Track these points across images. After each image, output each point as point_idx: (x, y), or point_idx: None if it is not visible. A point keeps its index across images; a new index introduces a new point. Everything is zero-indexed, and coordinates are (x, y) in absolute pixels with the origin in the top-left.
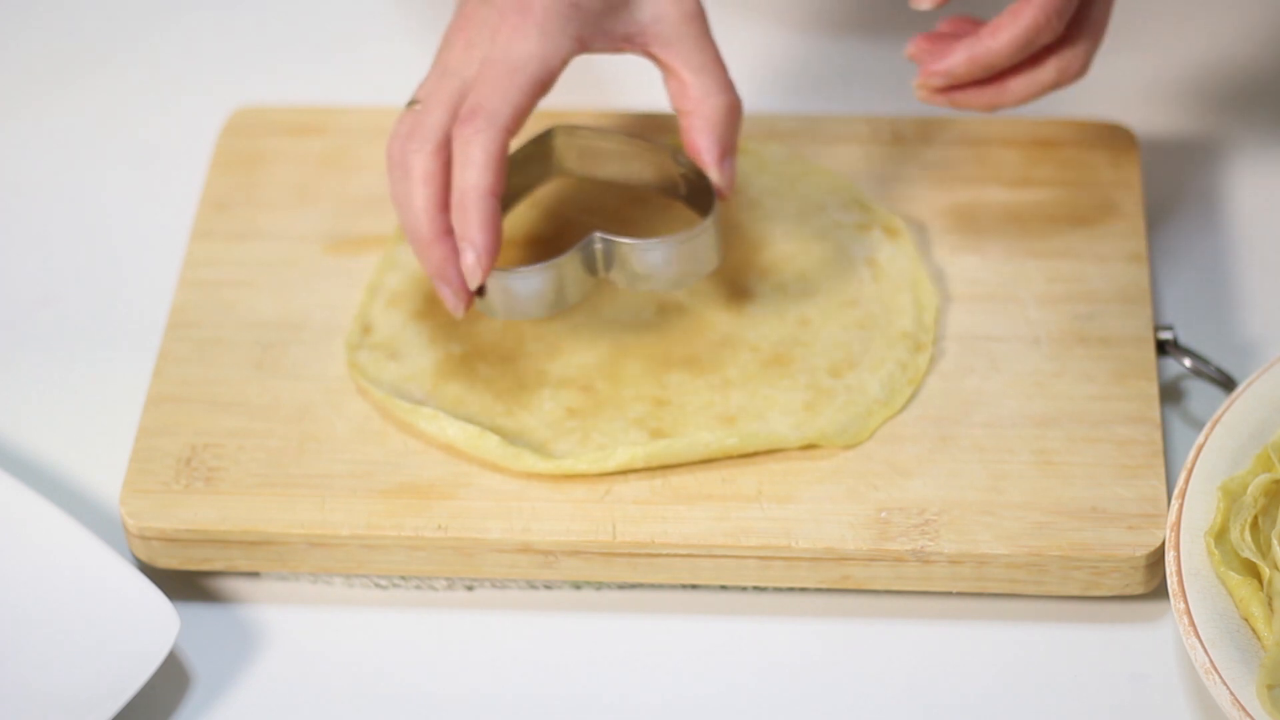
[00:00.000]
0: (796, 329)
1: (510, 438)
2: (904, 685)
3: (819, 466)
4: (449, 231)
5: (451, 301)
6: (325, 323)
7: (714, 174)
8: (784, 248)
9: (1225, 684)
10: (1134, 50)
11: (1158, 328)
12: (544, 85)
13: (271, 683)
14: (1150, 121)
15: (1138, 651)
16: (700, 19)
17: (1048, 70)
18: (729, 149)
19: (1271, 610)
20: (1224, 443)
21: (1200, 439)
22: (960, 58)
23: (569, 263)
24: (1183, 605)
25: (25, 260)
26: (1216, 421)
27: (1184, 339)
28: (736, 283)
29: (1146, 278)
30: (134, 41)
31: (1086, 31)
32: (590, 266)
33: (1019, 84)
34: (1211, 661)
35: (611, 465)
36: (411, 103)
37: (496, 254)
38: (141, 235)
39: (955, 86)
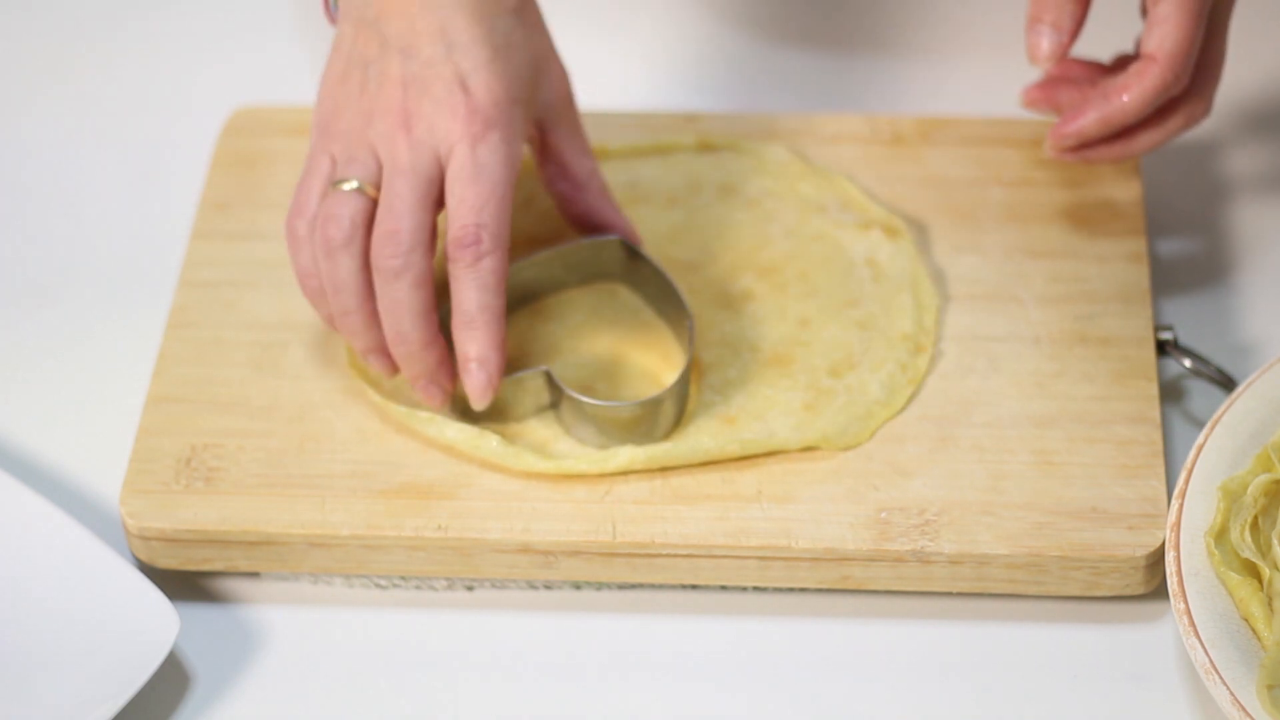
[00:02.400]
0: (796, 329)
1: (510, 438)
2: (904, 685)
3: (819, 467)
4: (437, 334)
5: (439, 399)
6: None
7: (634, 234)
8: (784, 248)
9: (1225, 684)
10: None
11: (1158, 328)
12: (514, 183)
13: (271, 683)
14: None
15: (1138, 651)
16: (573, 100)
17: (1177, 119)
18: (620, 212)
19: (1271, 610)
20: (1224, 443)
21: (1200, 439)
22: (1091, 119)
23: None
24: (1183, 605)
25: (25, 260)
26: (1216, 421)
27: (1184, 339)
28: (736, 283)
29: (1146, 278)
30: (134, 41)
31: (1208, 74)
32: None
33: (1149, 136)
34: (1211, 661)
35: (612, 466)
36: (341, 182)
37: (502, 366)
38: (141, 235)
39: (1088, 144)
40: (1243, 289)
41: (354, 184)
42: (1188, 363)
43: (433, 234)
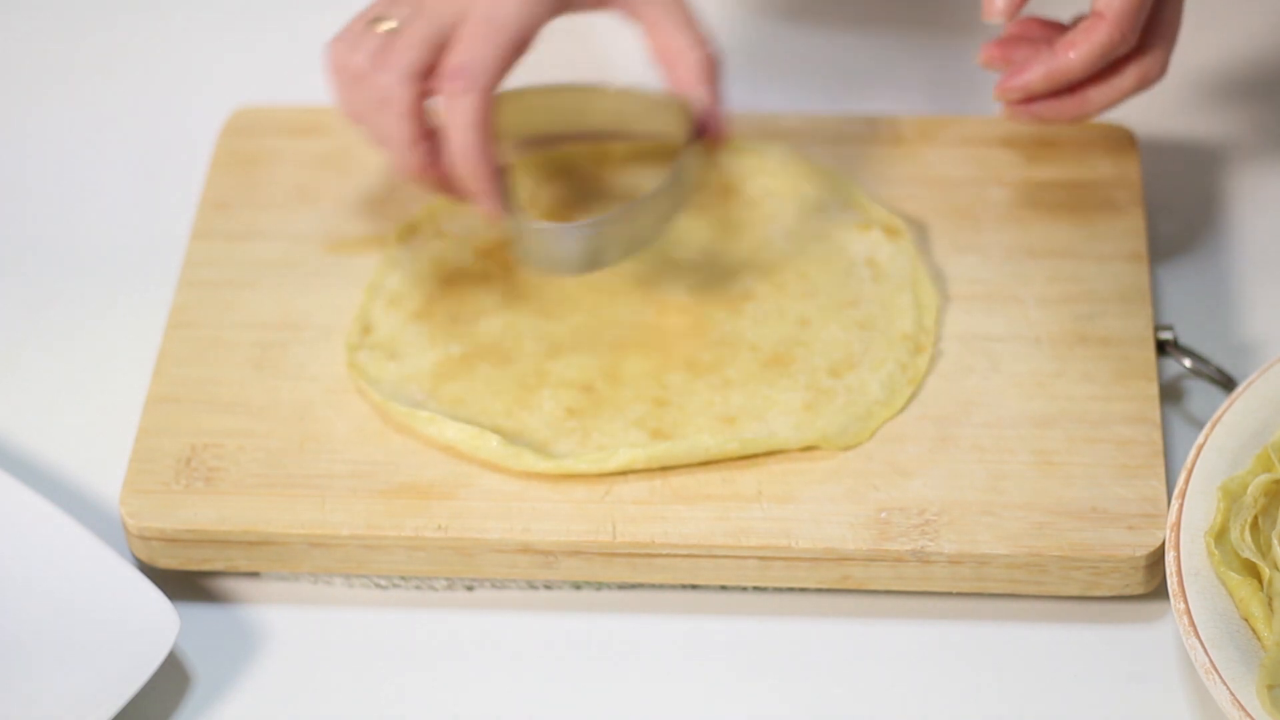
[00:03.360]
0: (796, 329)
1: (510, 438)
2: (904, 685)
3: (819, 466)
4: (430, 153)
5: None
6: (325, 323)
7: (713, 117)
8: (784, 247)
9: (1225, 684)
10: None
11: (1158, 328)
12: (525, 47)
13: (271, 683)
14: (1150, 121)
15: (1138, 651)
16: None
17: (1127, 78)
18: (718, 93)
19: (1271, 610)
20: (1224, 443)
21: (1200, 439)
22: (1037, 73)
23: (611, 222)
24: (1183, 605)
25: (25, 260)
26: (1216, 421)
27: (1184, 339)
28: (736, 283)
29: (1146, 278)
30: (134, 41)
31: (1161, 35)
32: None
33: (1099, 94)
34: (1211, 661)
35: (612, 466)
36: (375, 20)
37: (500, 200)
38: (141, 235)
39: (1034, 98)
40: (1243, 289)
41: (387, 26)
42: (1188, 363)
43: (428, 75)
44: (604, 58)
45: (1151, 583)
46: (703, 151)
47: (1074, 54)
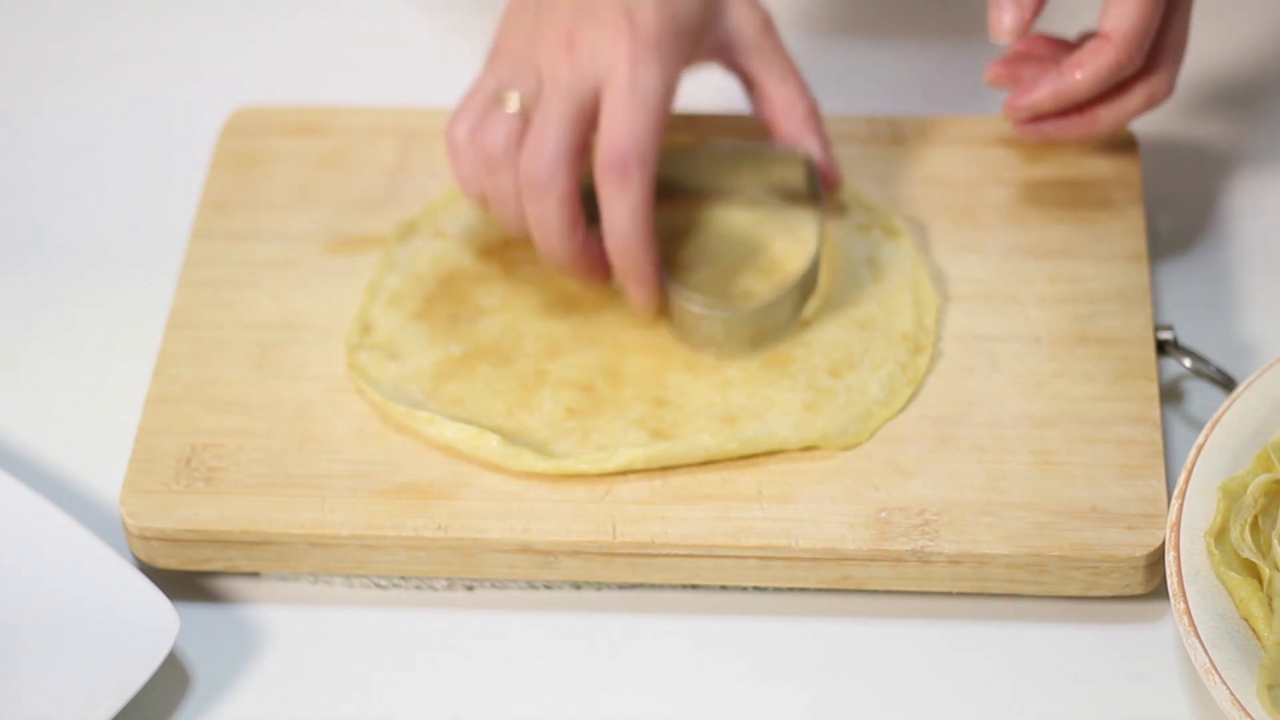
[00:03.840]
0: (796, 329)
1: (510, 438)
2: (904, 685)
3: (819, 466)
4: (586, 242)
5: (598, 284)
6: (325, 323)
7: (828, 166)
8: (784, 247)
9: (1225, 684)
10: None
11: (1158, 328)
12: (669, 112)
13: (271, 683)
14: (1150, 121)
15: (1138, 651)
16: (773, 27)
17: (1135, 97)
18: (828, 144)
19: (1271, 610)
20: (1224, 443)
21: (1200, 439)
22: (1045, 93)
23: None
24: (1183, 605)
25: (25, 259)
26: (1216, 421)
27: (1184, 339)
28: (736, 283)
29: (1146, 278)
30: (134, 41)
31: (1168, 54)
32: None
33: (1108, 113)
34: (1211, 661)
35: (612, 466)
36: (498, 96)
37: (660, 287)
38: (141, 235)
39: (1042, 117)
40: (1243, 289)
41: (515, 102)
42: (1188, 363)
43: (583, 152)
44: None
45: (1151, 583)
46: (826, 209)
47: (1081, 74)
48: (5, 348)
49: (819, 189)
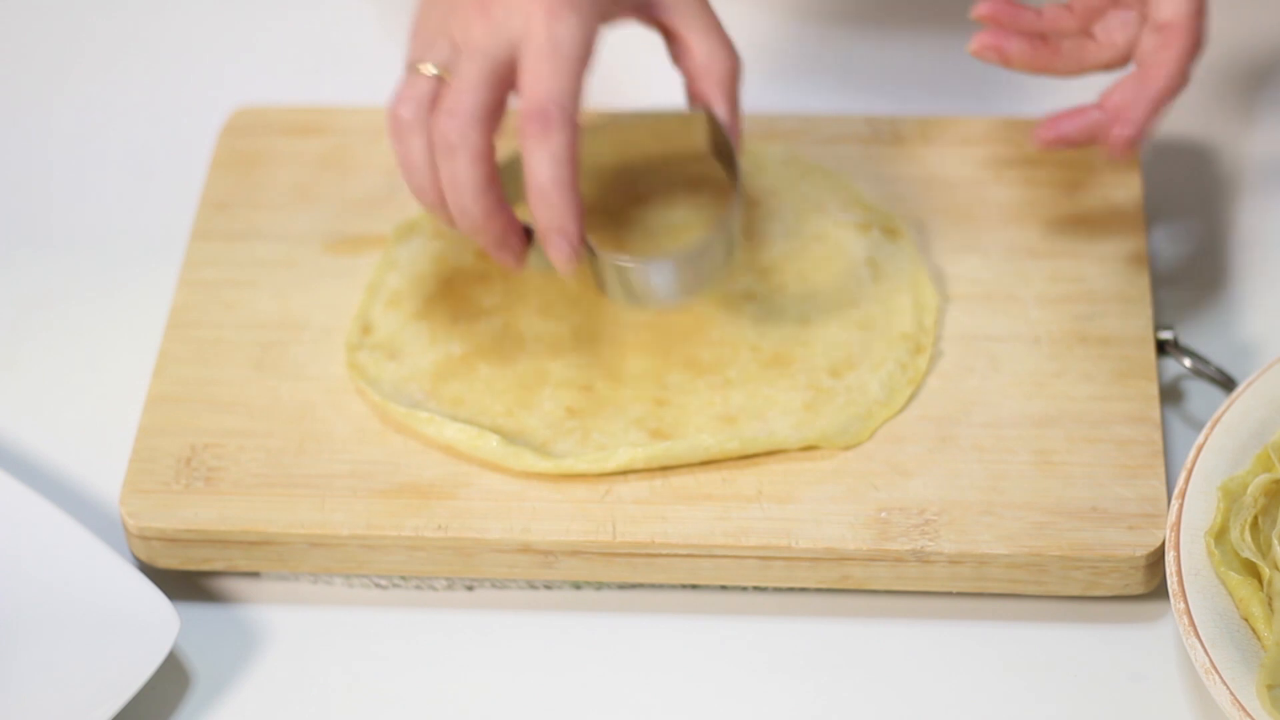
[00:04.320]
0: (796, 329)
1: (510, 437)
2: (904, 685)
3: (819, 466)
4: (500, 204)
5: (510, 262)
6: (325, 323)
7: (728, 123)
8: (784, 247)
9: (1225, 684)
10: None
11: (1158, 328)
12: (590, 66)
13: (271, 683)
14: None
15: (1138, 651)
16: None
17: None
18: (737, 104)
19: (1271, 610)
20: (1224, 443)
21: (1200, 439)
22: (1140, 109)
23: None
24: (1183, 605)
25: (25, 259)
26: (1216, 421)
27: (1184, 339)
28: (736, 283)
29: (1146, 278)
30: (134, 41)
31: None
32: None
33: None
34: (1211, 661)
35: (612, 465)
36: (418, 68)
37: (583, 238)
38: (141, 235)
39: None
40: (1243, 289)
41: (429, 67)
42: (1188, 363)
43: (497, 112)
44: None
45: (1151, 583)
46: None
47: (1165, 73)
48: (5, 347)
49: (727, 144)
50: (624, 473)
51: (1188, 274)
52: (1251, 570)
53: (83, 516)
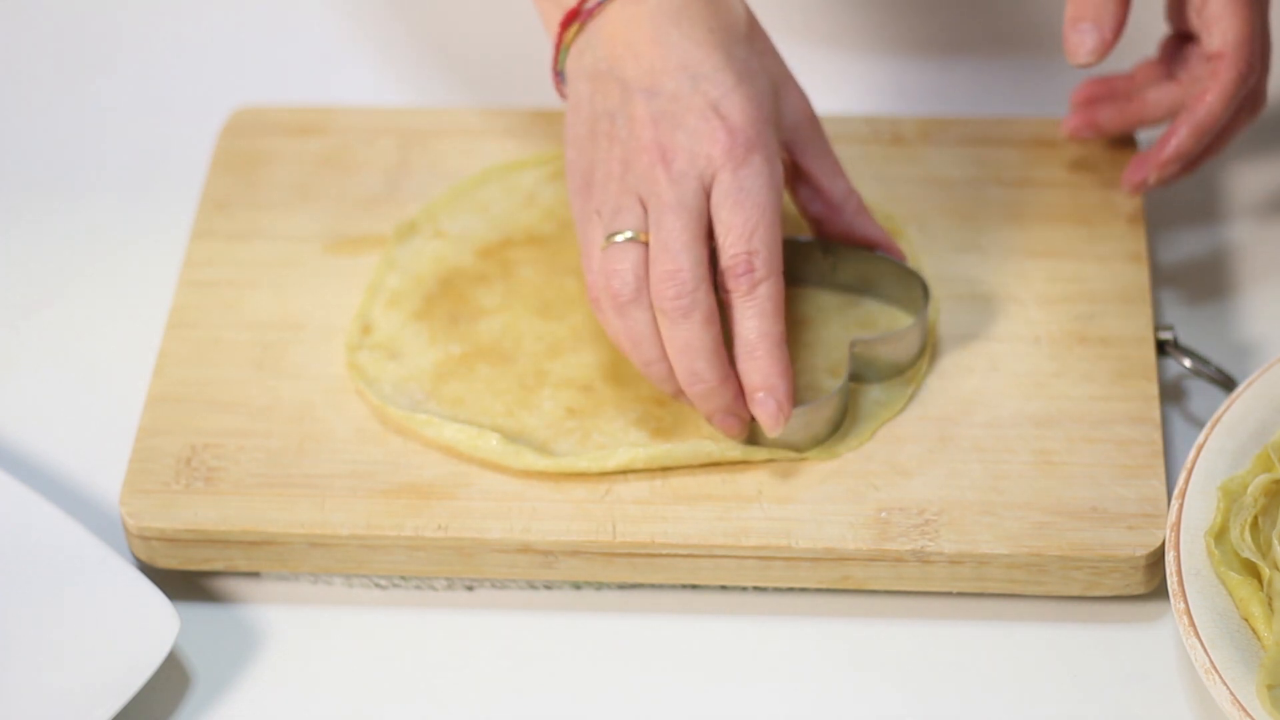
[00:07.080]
0: (797, 329)
1: (510, 437)
2: (904, 685)
3: (819, 467)
4: (731, 369)
5: (736, 429)
6: (325, 323)
7: (885, 243)
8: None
9: (1225, 684)
10: (1134, 52)
11: (1158, 328)
12: (781, 203)
13: (271, 683)
14: None
15: (1138, 651)
16: (818, 120)
17: (1241, 113)
18: (880, 227)
19: (1271, 610)
20: (1224, 443)
21: (1200, 439)
22: (1185, 134)
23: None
24: (1183, 605)
25: (25, 260)
26: (1216, 421)
27: (1184, 339)
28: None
29: (1146, 278)
30: (134, 41)
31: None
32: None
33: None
34: (1211, 661)
35: (612, 465)
36: (614, 239)
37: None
38: (141, 235)
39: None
40: (1243, 289)
41: (627, 234)
42: (1188, 363)
43: (712, 267)
44: None
45: (1151, 583)
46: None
47: (1212, 98)
48: (5, 347)
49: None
50: (624, 472)
51: (1188, 274)
52: (1251, 570)
53: (83, 516)
